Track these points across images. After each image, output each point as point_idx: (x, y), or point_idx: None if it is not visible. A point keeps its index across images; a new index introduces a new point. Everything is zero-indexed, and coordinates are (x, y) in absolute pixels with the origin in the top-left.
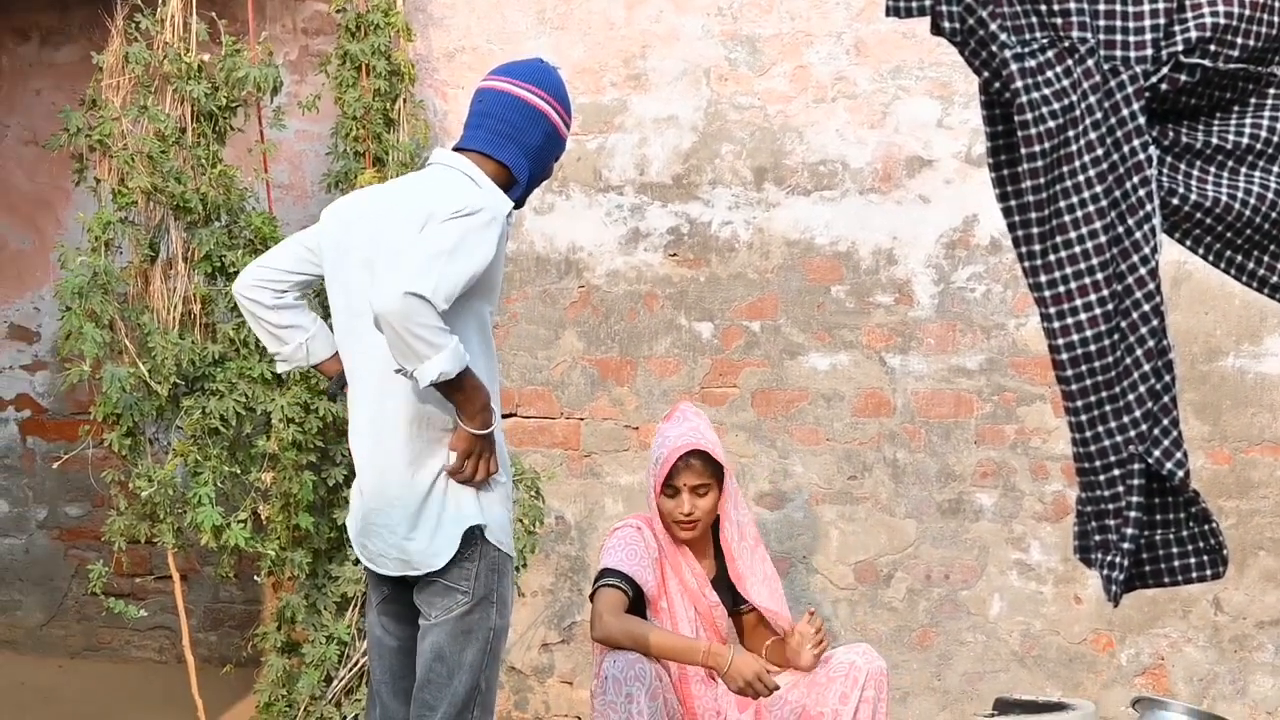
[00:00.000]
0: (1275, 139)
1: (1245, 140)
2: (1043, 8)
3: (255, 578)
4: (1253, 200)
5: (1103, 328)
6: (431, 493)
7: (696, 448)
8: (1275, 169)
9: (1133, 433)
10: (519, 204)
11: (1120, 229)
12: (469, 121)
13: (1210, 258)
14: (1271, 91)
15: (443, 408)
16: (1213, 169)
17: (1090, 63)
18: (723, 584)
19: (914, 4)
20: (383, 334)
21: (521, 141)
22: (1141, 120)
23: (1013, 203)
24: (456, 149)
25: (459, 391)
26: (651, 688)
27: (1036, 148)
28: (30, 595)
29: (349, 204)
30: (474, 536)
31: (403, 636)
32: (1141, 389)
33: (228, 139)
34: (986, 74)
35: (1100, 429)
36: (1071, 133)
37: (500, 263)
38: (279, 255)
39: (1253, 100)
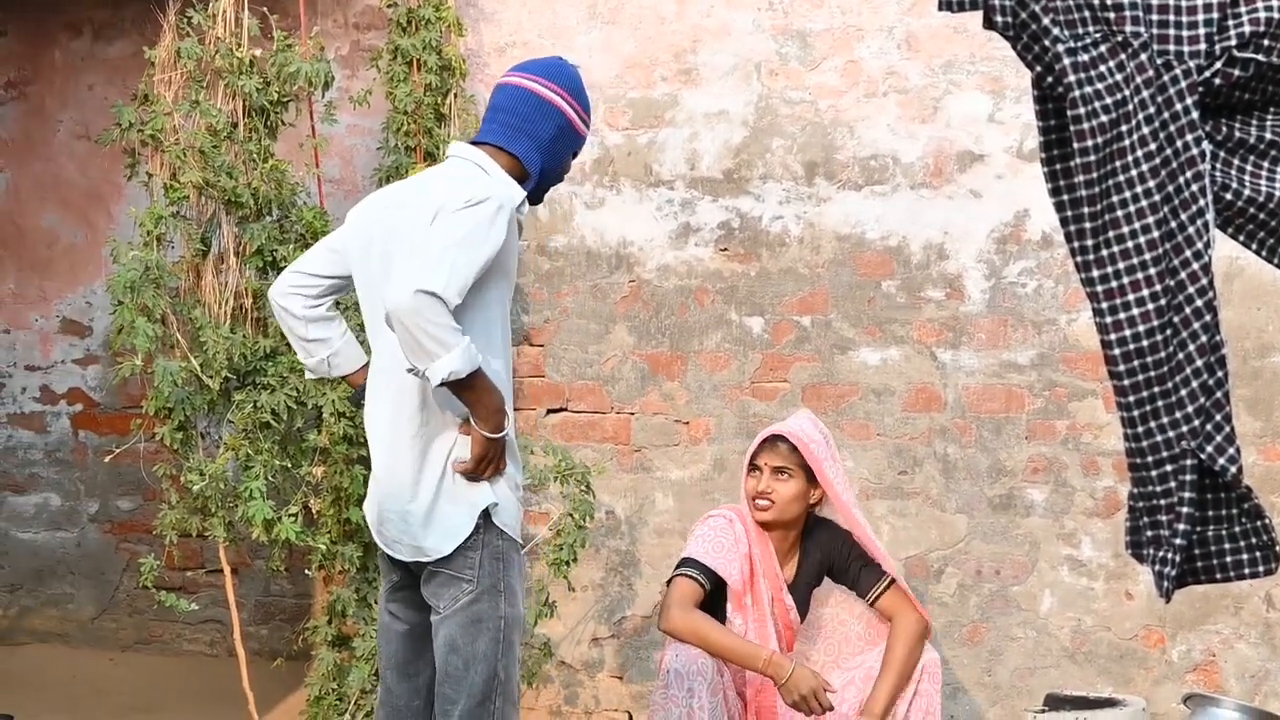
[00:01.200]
0: None
1: None
2: (1096, 2)
3: (306, 571)
4: None
5: (1155, 323)
6: (442, 480)
7: (784, 433)
8: None
9: (1185, 428)
10: (536, 200)
11: (1173, 224)
12: (485, 116)
13: (1263, 253)
14: None
15: (451, 404)
16: (1266, 164)
17: (1144, 57)
18: (802, 588)
19: None
20: (394, 332)
21: (533, 134)
22: (1195, 115)
23: (1065, 197)
24: (472, 143)
25: (470, 392)
26: (713, 683)
27: (1089, 142)
28: (82, 589)
29: (370, 201)
30: (479, 526)
31: (412, 622)
32: (1194, 384)
33: (279, 134)
34: (1039, 68)
35: (1152, 424)
36: (1125, 127)
37: (513, 253)
38: (309, 259)
39: None
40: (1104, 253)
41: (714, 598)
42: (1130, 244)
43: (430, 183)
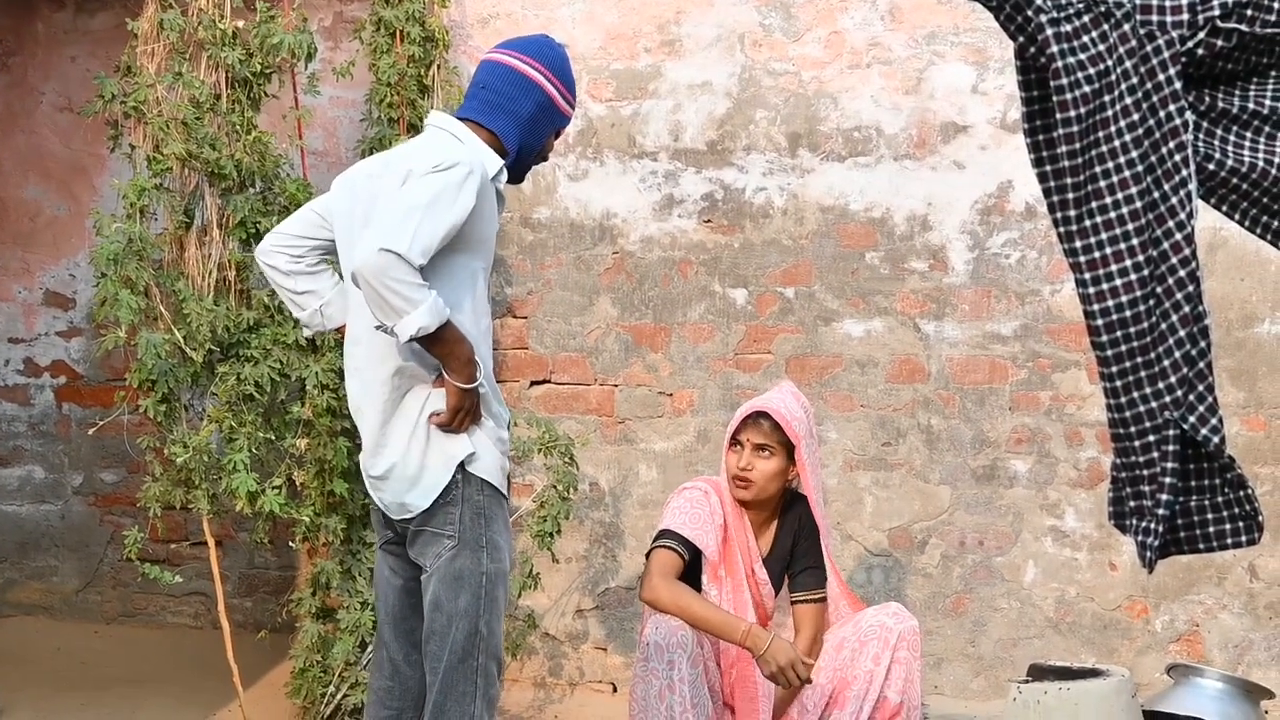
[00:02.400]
0: None
1: None
2: None
3: (290, 544)
4: None
5: (1138, 293)
6: (414, 435)
7: (767, 410)
8: None
9: (1168, 398)
10: (517, 179)
11: (1156, 194)
12: (468, 92)
13: (1246, 223)
14: None
15: (422, 360)
16: (1249, 134)
17: (1126, 27)
18: (776, 563)
19: None
20: (360, 290)
21: (512, 111)
22: (1178, 85)
23: (1048, 168)
24: (455, 117)
25: (440, 345)
26: (693, 655)
27: (1072, 113)
28: (66, 561)
29: (353, 170)
30: (456, 480)
31: (406, 576)
32: (1177, 355)
33: (262, 105)
34: (1022, 39)
35: (1135, 395)
36: (1107, 98)
37: (489, 220)
38: (293, 221)
39: None
40: (1087, 223)
41: (690, 569)
42: (1113, 214)
43: (406, 150)
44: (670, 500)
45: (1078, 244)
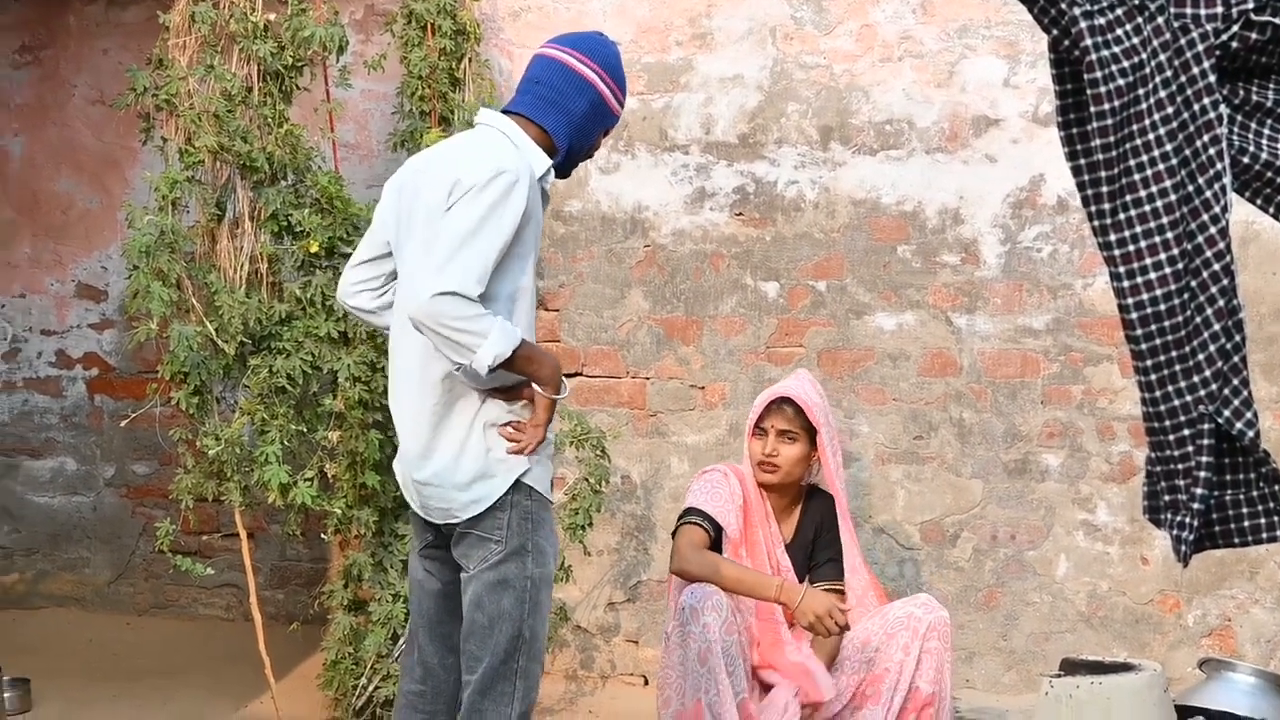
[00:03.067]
0: None
1: None
2: None
3: (322, 536)
4: None
5: (1172, 287)
6: (467, 443)
7: (790, 396)
8: None
9: (1202, 392)
10: (563, 174)
11: (1190, 188)
12: (519, 86)
13: None
14: None
15: (451, 376)
16: None
17: (1160, 20)
18: (799, 551)
19: None
20: (419, 331)
21: (565, 108)
22: (1212, 78)
23: (1082, 162)
24: (504, 111)
25: (520, 365)
26: (726, 620)
27: (1106, 106)
28: (98, 553)
29: (401, 171)
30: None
31: (445, 580)
32: (1211, 348)
33: (294, 98)
34: (1055, 32)
35: (1170, 389)
36: (1141, 91)
37: (535, 223)
38: (359, 249)
39: None
40: (1121, 217)
41: (716, 546)
42: (1148, 208)
43: (453, 152)
44: (691, 484)
45: (1112, 238)
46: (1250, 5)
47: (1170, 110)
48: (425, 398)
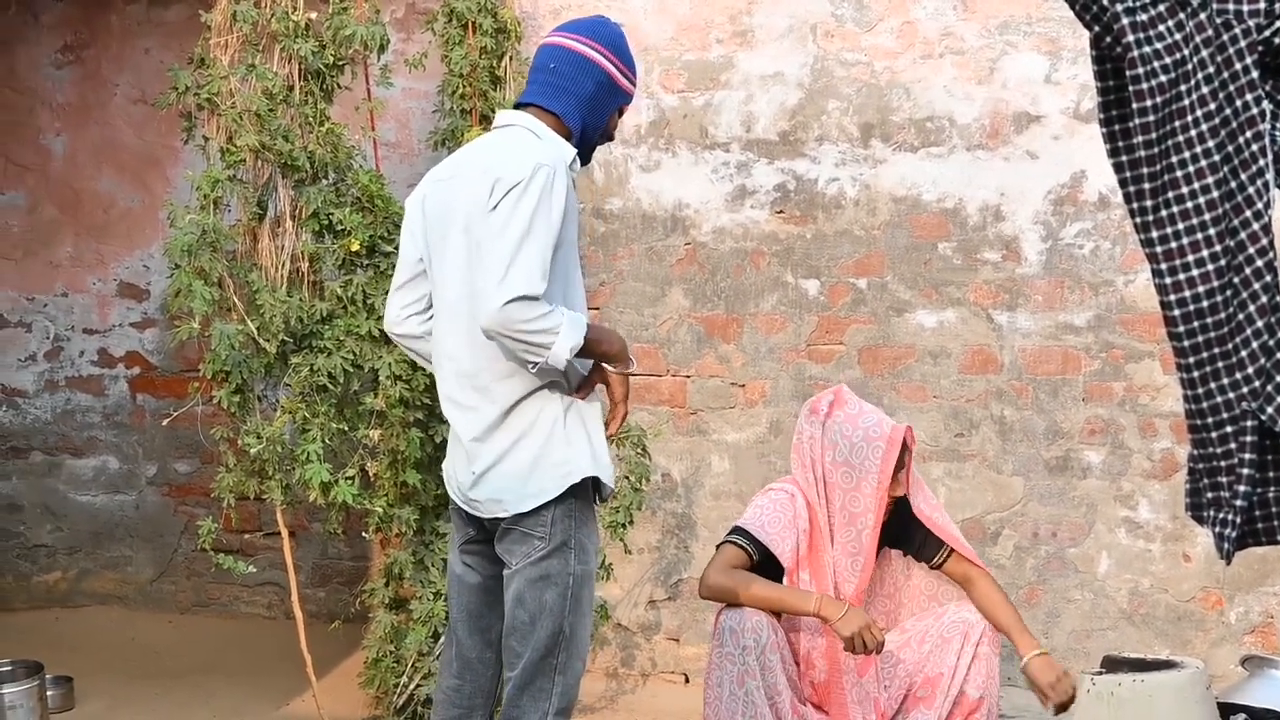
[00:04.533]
0: None
1: None
2: None
3: (363, 534)
4: None
5: (1215, 283)
6: (528, 436)
7: (907, 433)
8: None
9: (1245, 389)
10: (583, 160)
11: (1233, 184)
12: (529, 78)
13: None
14: None
15: (511, 373)
16: None
17: (1203, 16)
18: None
19: None
20: (492, 339)
21: (573, 91)
22: (1255, 75)
23: (1124, 158)
24: (516, 105)
25: (591, 349)
26: (768, 642)
27: (1149, 102)
28: (141, 551)
29: (421, 185)
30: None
31: (485, 574)
32: (1254, 345)
33: (335, 97)
34: (1097, 28)
35: (1212, 385)
36: (1184, 87)
37: (573, 212)
38: (396, 274)
39: None
40: (1163, 213)
41: (768, 571)
42: (1190, 204)
43: (486, 153)
44: (754, 498)
45: (1154, 234)
46: None
47: (1212, 106)
48: (487, 392)
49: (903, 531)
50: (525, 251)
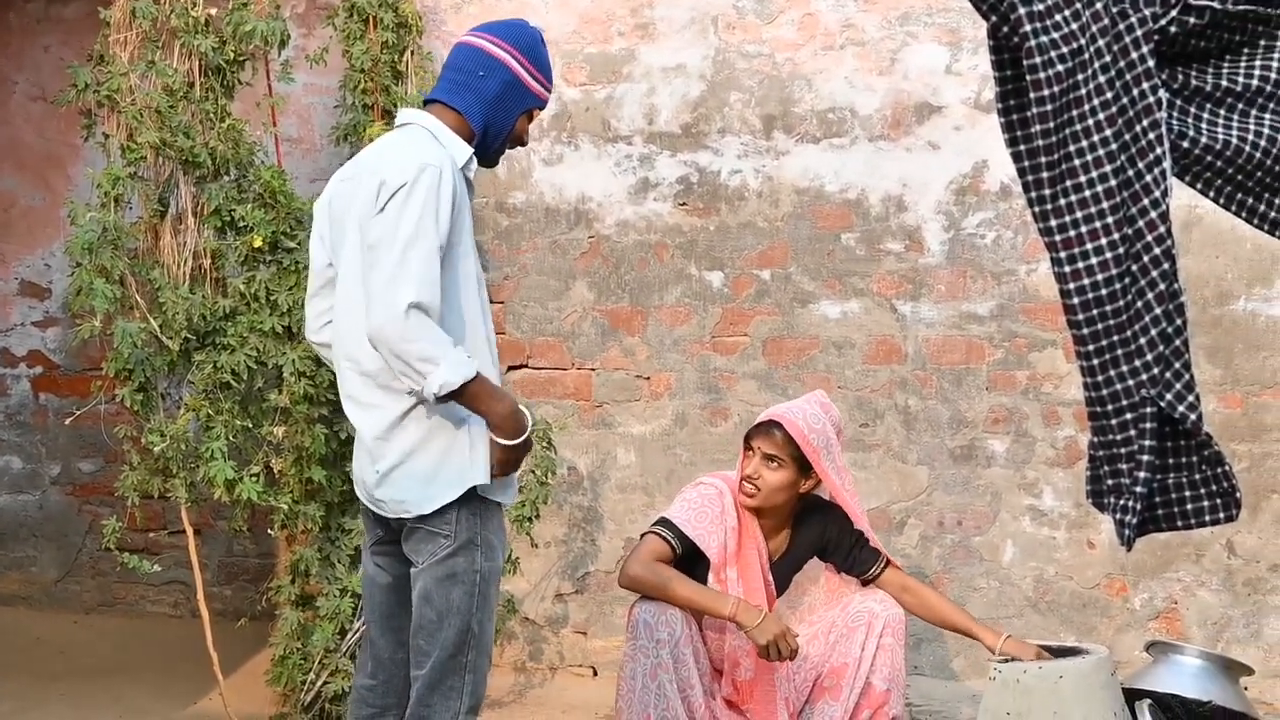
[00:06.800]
0: None
1: (1255, 82)
2: None
3: (269, 531)
4: (1263, 142)
5: (1114, 271)
6: (427, 441)
7: (781, 421)
8: None
9: (1144, 376)
10: (488, 162)
11: (1131, 172)
12: (440, 75)
13: (1221, 201)
14: None
15: None
16: (1223, 111)
17: (1099, 6)
18: (786, 567)
19: None
20: (379, 353)
21: (477, 89)
22: (1151, 63)
23: (1022, 147)
24: (424, 102)
25: (472, 401)
26: (681, 636)
27: (1046, 92)
28: (45, 551)
29: (326, 189)
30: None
31: (396, 574)
32: (1153, 332)
33: (236, 93)
34: (995, 18)
35: (1112, 373)
36: (1081, 76)
37: (465, 213)
38: (312, 284)
39: (1262, 42)
40: (1061, 202)
41: (692, 565)
42: (1088, 193)
43: (377, 155)
44: (683, 491)
45: (1053, 223)
46: None
47: (1110, 96)
48: (383, 390)
49: (835, 541)
50: (412, 256)
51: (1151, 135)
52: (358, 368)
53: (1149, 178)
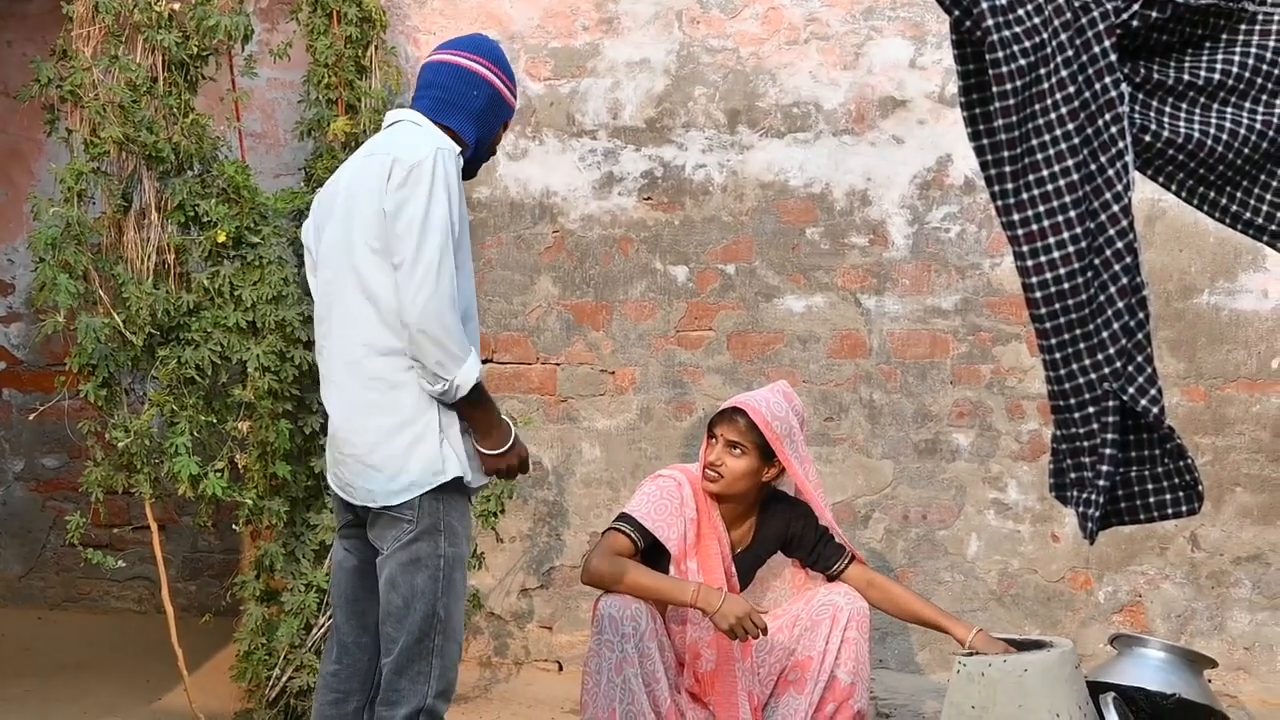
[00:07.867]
0: (1247, 75)
1: (1217, 76)
2: None
3: (233, 527)
4: (1224, 136)
5: (1076, 265)
6: (400, 432)
7: (745, 408)
8: (1246, 105)
9: (1107, 370)
10: (470, 174)
11: (1093, 166)
12: (415, 95)
13: (1183, 194)
14: (1243, 27)
15: (394, 362)
16: (1185, 105)
17: (1061, 0)
18: (750, 557)
19: None
20: (416, 347)
21: (465, 106)
22: (1113, 57)
23: (985, 141)
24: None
25: (475, 407)
26: (646, 630)
27: (1008, 85)
28: (8, 547)
29: (312, 213)
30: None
31: (361, 559)
32: (1115, 326)
33: (199, 88)
34: (957, 12)
35: (1074, 366)
36: (1043, 70)
37: (462, 203)
38: (315, 307)
39: (1224, 36)
40: (1024, 196)
41: (655, 558)
42: (1050, 187)
43: (381, 147)
44: (642, 485)
45: (1015, 217)
46: None
47: (1071, 89)
48: (357, 374)
49: (799, 535)
50: (427, 255)
51: (1114, 129)
52: (330, 345)
53: (1111, 171)
